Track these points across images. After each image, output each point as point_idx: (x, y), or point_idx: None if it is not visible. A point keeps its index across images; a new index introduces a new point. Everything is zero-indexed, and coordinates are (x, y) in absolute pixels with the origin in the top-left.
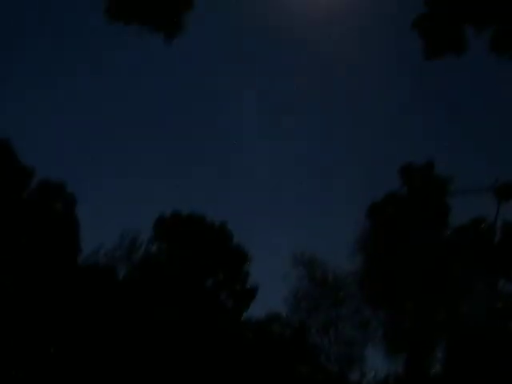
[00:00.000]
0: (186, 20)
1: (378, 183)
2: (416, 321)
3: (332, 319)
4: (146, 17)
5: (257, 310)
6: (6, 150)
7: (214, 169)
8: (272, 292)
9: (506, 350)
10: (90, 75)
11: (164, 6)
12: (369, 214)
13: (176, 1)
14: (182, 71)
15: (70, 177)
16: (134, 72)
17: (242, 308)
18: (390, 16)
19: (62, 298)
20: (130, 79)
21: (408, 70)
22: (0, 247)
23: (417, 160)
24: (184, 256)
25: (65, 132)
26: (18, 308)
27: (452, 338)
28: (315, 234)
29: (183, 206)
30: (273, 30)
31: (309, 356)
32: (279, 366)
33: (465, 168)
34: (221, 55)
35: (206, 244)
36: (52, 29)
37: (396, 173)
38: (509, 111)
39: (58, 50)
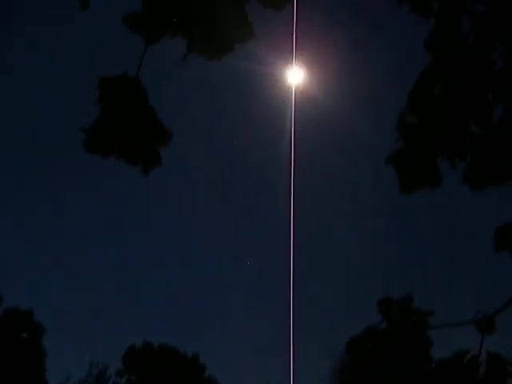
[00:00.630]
0: (162, 154)
1: (356, 317)
2: None
3: None
4: (124, 151)
5: None
6: None
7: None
8: None
9: None
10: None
11: (141, 141)
12: (347, 348)
13: (153, 136)
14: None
15: (39, 305)
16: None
17: None
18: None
19: None
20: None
21: (385, 201)
22: None
23: (395, 293)
24: None
25: (35, 259)
26: None
27: None
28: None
29: (155, 337)
30: None
31: None
32: None
33: (445, 300)
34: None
35: (177, 376)
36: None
37: (375, 307)
38: (486, 242)
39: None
